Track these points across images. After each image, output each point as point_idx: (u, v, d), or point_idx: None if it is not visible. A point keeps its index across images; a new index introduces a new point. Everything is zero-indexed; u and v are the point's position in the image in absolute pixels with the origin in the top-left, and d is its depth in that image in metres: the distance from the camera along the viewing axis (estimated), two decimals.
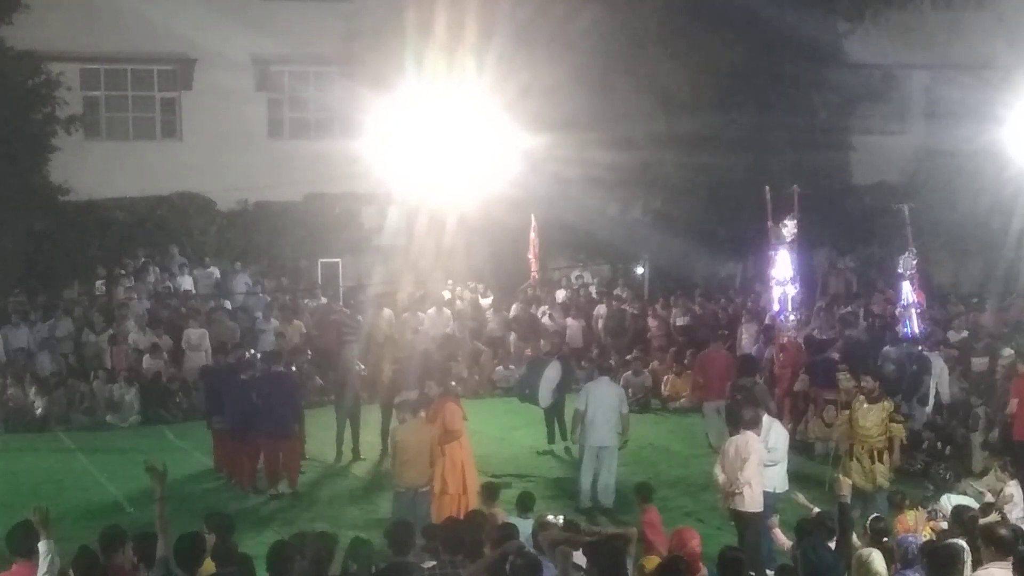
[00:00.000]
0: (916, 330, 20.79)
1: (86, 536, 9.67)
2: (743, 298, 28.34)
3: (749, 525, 13.06)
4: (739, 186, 27.95)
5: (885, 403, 14.94)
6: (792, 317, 21.04)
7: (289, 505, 16.84)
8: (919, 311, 21.05)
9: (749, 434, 13.35)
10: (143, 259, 29.06)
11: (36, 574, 8.62)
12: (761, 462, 13.26)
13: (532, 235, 29.26)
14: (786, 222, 20.83)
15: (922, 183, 30.71)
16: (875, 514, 11.54)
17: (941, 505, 13.01)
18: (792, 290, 20.97)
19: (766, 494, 13.36)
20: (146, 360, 24.36)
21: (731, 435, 14.00)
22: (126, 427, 22.87)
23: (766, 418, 13.87)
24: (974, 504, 12.67)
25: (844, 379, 18.16)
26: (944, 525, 11.85)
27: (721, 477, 13.30)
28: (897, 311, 21.74)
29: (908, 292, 21.02)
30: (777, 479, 13.79)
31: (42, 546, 8.58)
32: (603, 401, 16.50)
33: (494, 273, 30.56)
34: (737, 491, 13.06)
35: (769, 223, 20.69)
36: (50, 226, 27.95)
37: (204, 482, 18.20)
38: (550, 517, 11.41)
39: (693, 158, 28.98)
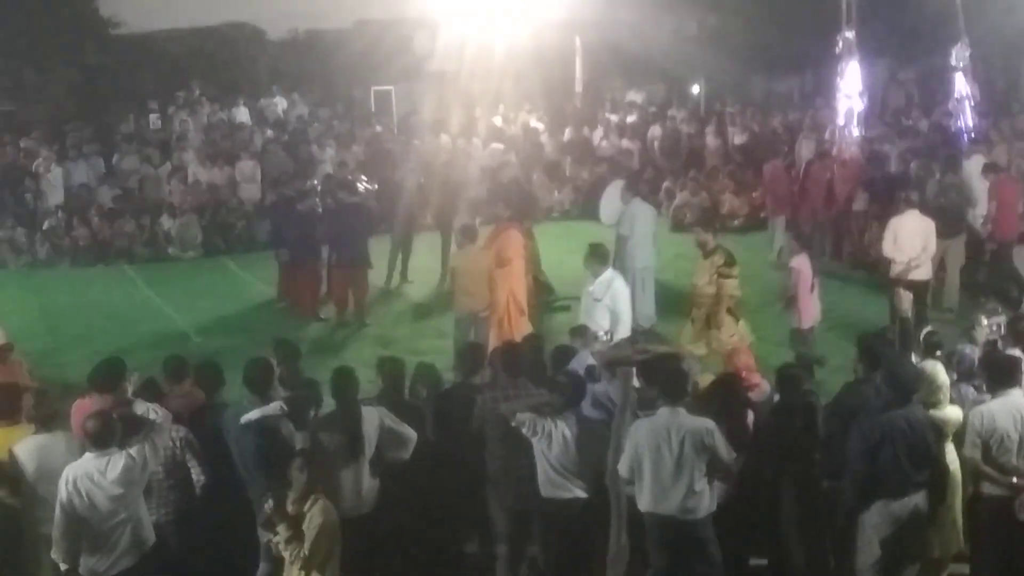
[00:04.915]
0: (970, 124, 20.19)
1: (157, 365, 9.86)
2: (801, 113, 27.83)
3: (922, 292, 14.90)
4: None
5: (715, 257, 13.78)
6: (856, 131, 20.65)
7: (352, 332, 17.04)
8: (972, 104, 20.40)
9: (917, 212, 14.93)
10: (198, 92, 28.97)
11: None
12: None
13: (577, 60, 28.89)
14: (845, 33, 20.28)
15: None
16: (929, 327, 11.34)
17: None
18: (859, 104, 20.53)
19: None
20: (205, 192, 24.51)
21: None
22: (188, 259, 23.17)
23: (609, 271, 13.11)
24: None
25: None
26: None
27: (898, 253, 14.74)
28: (950, 105, 21.00)
29: (962, 84, 20.31)
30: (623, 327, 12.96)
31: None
32: (643, 222, 16.20)
33: (546, 97, 30.20)
34: (919, 264, 14.70)
35: (845, 33, 20.13)
36: (102, 60, 27.88)
37: (267, 311, 18.46)
38: (601, 334, 11.38)
39: None
